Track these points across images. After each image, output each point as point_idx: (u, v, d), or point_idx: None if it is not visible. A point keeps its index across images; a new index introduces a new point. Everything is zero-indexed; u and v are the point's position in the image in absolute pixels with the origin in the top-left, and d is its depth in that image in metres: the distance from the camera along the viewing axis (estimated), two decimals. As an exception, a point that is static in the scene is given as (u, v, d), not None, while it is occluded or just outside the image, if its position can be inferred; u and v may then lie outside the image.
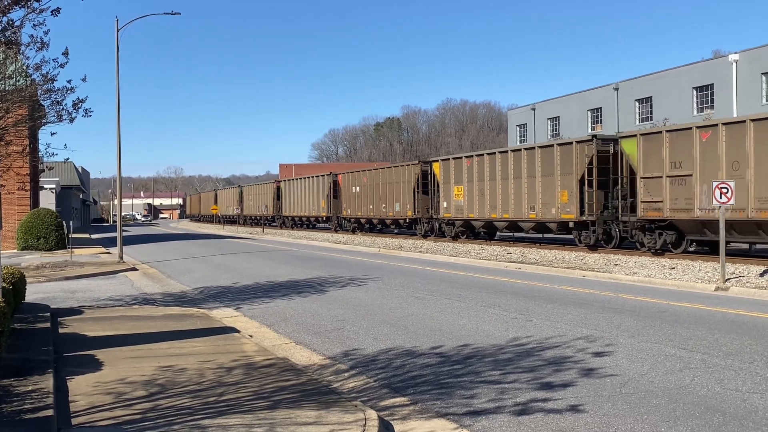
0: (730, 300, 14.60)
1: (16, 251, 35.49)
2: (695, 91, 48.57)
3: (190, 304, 15.88)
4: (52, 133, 14.21)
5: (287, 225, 61.11)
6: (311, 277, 20.66)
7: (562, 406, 7.20)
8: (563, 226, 27.37)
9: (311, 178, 55.60)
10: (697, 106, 48.28)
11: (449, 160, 35.15)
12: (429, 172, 37.83)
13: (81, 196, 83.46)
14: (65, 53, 11.61)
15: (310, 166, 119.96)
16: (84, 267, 25.25)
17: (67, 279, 21.82)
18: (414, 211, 38.91)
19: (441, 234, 36.71)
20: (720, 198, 16.71)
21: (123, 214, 48.14)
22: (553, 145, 27.70)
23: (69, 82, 12.27)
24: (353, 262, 26.36)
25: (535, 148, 28.74)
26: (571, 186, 26.17)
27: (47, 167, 27.71)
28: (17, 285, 12.62)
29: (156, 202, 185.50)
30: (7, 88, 11.65)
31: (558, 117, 62.72)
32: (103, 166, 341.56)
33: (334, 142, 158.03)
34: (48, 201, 46.68)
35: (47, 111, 12.61)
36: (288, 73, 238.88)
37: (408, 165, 40.66)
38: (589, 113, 59.05)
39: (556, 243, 29.67)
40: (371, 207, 44.36)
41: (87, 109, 12.42)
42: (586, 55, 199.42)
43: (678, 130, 22.44)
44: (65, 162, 20.26)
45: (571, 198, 26.14)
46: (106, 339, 10.78)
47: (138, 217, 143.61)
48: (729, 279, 16.82)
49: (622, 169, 24.68)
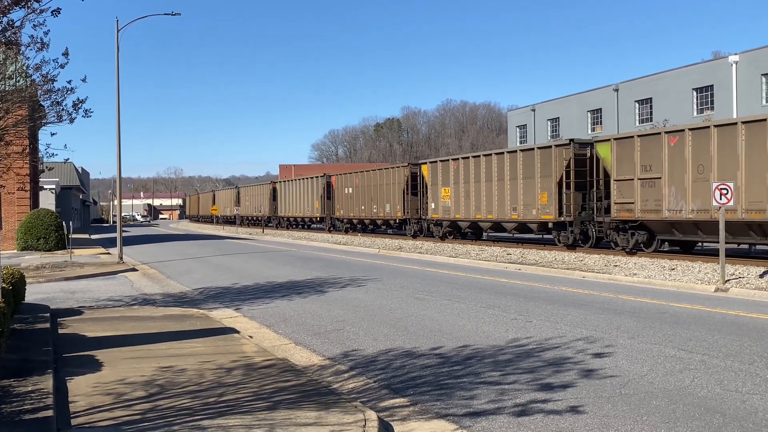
0: (729, 301, 14.60)
1: (15, 251, 35.49)
2: (695, 92, 48.59)
3: (189, 304, 15.88)
4: (52, 134, 14.23)
5: (283, 225, 61.66)
6: (311, 278, 20.66)
7: (561, 407, 7.20)
8: (543, 226, 28.14)
9: (306, 179, 56.44)
10: (697, 107, 48.29)
11: (437, 162, 36.02)
12: (418, 174, 38.54)
13: (81, 196, 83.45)
14: (65, 54, 11.61)
15: (309, 166, 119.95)
16: (84, 267, 25.25)
17: (67, 279, 21.81)
18: (404, 212, 39.67)
19: (429, 234, 37.46)
20: (720, 199, 16.68)
21: (123, 214, 48.14)
22: (534, 149, 28.56)
23: (69, 82, 12.29)
24: (353, 262, 26.36)
25: (517, 151, 29.55)
26: (551, 188, 27.03)
27: (47, 168, 27.72)
28: (17, 285, 12.61)
29: (156, 202, 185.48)
30: (7, 88, 11.65)
31: (558, 118, 62.73)
32: (103, 166, 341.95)
33: (333, 142, 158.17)
34: (48, 201, 46.67)
35: (47, 111, 12.61)
36: (288, 74, 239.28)
37: (398, 167, 41.39)
38: (589, 114, 59.07)
39: (537, 243, 30.56)
40: (363, 208, 45.08)
41: (87, 110, 12.42)
42: (586, 56, 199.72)
43: (648, 135, 23.29)
44: (65, 162, 20.27)
45: (551, 200, 27.01)
46: (105, 339, 10.78)
47: (137, 218, 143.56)
48: (729, 280, 16.82)
49: (597, 172, 25.42)
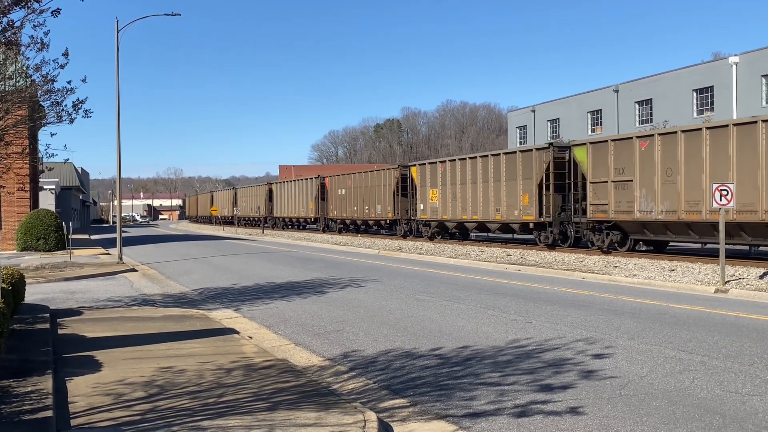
0: (729, 302, 14.60)
1: (15, 252, 35.49)
2: (695, 94, 48.60)
3: (189, 305, 15.88)
4: (52, 134, 14.21)
5: (278, 226, 62.33)
6: (311, 279, 20.66)
7: (561, 408, 7.20)
8: (524, 226, 29.15)
9: (300, 180, 57.59)
10: (697, 108, 48.31)
11: (425, 164, 37.05)
12: (408, 176, 39.59)
13: (81, 196, 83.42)
14: (65, 54, 11.59)
15: (309, 167, 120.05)
16: (83, 268, 25.24)
17: (67, 280, 21.80)
18: (394, 213, 40.65)
19: (419, 234, 38.44)
20: (720, 200, 16.67)
21: (122, 215, 48.15)
22: (516, 152, 29.59)
23: (69, 82, 12.27)
24: (353, 263, 26.36)
25: (500, 154, 30.53)
26: (532, 190, 28.01)
27: (47, 168, 27.75)
28: (17, 286, 12.61)
29: (156, 203, 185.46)
30: (7, 88, 11.63)
31: (558, 119, 62.75)
32: (103, 166, 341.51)
33: (333, 143, 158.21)
34: (48, 202, 46.67)
35: (47, 112, 12.60)
36: (288, 74, 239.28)
37: (388, 169, 42.39)
38: (589, 115, 59.08)
39: (520, 243, 31.77)
40: (355, 209, 46.01)
41: (87, 110, 12.40)
42: (586, 57, 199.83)
43: (621, 139, 24.31)
44: (65, 163, 20.28)
45: (532, 201, 28.01)
46: (105, 340, 10.78)
47: (137, 218, 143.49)
48: (729, 281, 16.82)
49: (575, 175, 26.38)
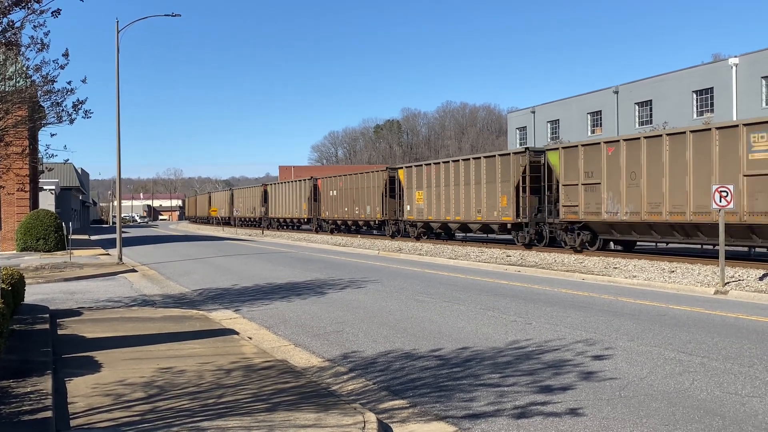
0: (729, 303, 14.60)
1: (15, 252, 35.49)
2: (695, 95, 48.62)
3: (189, 305, 15.87)
4: (51, 135, 14.21)
5: (273, 226, 63.31)
6: (310, 279, 20.65)
7: (561, 409, 7.20)
8: (503, 227, 30.45)
9: (294, 182, 59.23)
10: (697, 109, 48.33)
11: (412, 167, 38.41)
12: (395, 177, 40.92)
13: (80, 197, 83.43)
14: (65, 54, 11.59)
15: (310, 168, 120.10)
16: (83, 268, 25.24)
17: (67, 280, 21.80)
18: (383, 214, 41.95)
19: (406, 234, 39.64)
20: (720, 201, 16.66)
21: (122, 215, 48.21)
22: (495, 156, 30.86)
23: (69, 83, 12.28)
24: (352, 264, 26.36)
25: (481, 158, 31.88)
26: (510, 192, 29.34)
27: (47, 168, 27.75)
28: (16, 286, 12.60)
29: (155, 203, 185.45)
30: (7, 89, 11.64)
31: (558, 120, 62.76)
32: (103, 167, 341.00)
33: (333, 144, 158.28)
34: (47, 202, 46.66)
35: (47, 112, 12.60)
36: (288, 75, 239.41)
37: (377, 171, 43.70)
38: (589, 116, 59.09)
39: (500, 242, 33.45)
40: (346, 209, 47.45)
41: (87, 111, 12.41)
42: (586, 59, 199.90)
43: (590, 144, 25.63)
44: (65, 163, 20.24)
45: (510, 202, 29.34)
46: (105, 340, 10.77)
47: (136, 219, 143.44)
48: (728, 282, 16.81)
49: (549, 178, 27.75)
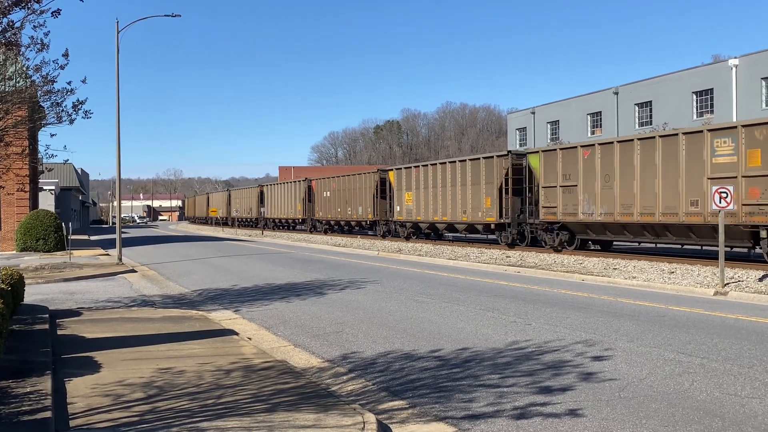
0: (729, 304, 14.59)
1: (15, 252, 35.49)
2: (695, 96, 48.63)
3: (188, 306, 15.87)
4: (51, 135, 14.14)
5: (269, 226, 64.21)
6: (310, 280, 20.65)
7: (560, 410, 7.20)
8: (487, 227, 31.64)
9: (289, 183, 60.58)
10: (697, 110, 48.34)
11: (401, 169, 39.68)
12: (386, 179, 41.97)
13: (80, 197, 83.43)
14: (65, 55, 11.58)
15: (309, 168, 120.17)
16: (83, 268, 25.23)
17: (66, 280, 21.80)
18: (374, 214, 43.13)
19: (396, 234, 40.79)
20: (719, 202, 16.66)
21: (122, 215, 48.26)
22: (480, 159, 32.10)
23: (69, 83, 12.25)
24: (352, 264, 26.36)
25: (466, 160, 33.12)
26: (493, 193, 30.48)
27: (47, 168, 27.77)
28: (16, 286, 12.61)
29: (155, 204, 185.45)
30: (7, 89, 11.63)
31: (558, 121, 62.77)
32: (103, 167, 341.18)
33: (333, 144, 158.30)
34: (47, 202, 46.66)
35: (47, 112, 12.59)
36: (288, 75, 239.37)
37: (369, 173, 44.91)
38: (589, 117, 59.11)
39: (485, 242, 34.73)
40: (339, 210, 48.75)
41: (87, 111, 12.38)
42: (586, 59, 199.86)
43: (567, 148, 26.80)
44: (65, 163, 20.27)
45: (493, 204, 30.45)
46: (104, 341, 10.77)
47: (136, 219, 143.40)
48: (728, 283, 16.81)
49: (530, 180, 28.81)
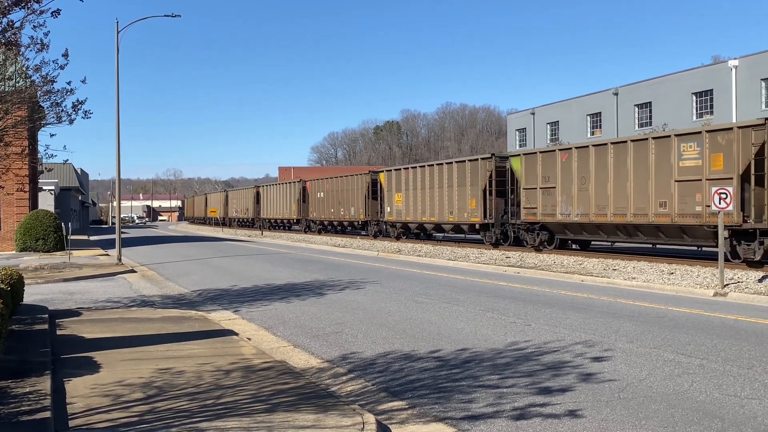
0: (728, 305, 14.59)
1: (14, 252, 35.49)
2: (695, 97, 48.64)
3: (188, 306, 15.86)
4: (51, 135, 14.12)
5: (265, 227, 64.94)
6: (310, 280, 20.65)
7: (560, 411, 7.19)
8: (472, 227, 32.73)
9: (285, 184, 61.72)
10: (696, 111, 48.35)
11: (392, 171, 40.96)
12: (377, 180, 42.98)
13: (80, 197, 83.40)
14: (65, 55, 11.57)
15: (309, 169, 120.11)
16: (82, 269, 25.23)
17: (66, 281, 21.79)
18: (365, 215, 44.20)
19: (387, 234, 41.81)
20: (719, 203, 16.68)
21: (122, 216, 48.31)
22: (465, 161, 33.23)
23: (69, 83, 12.25)
24: (352, 265, 26.35)
25: (453, 163, 34.34)
26: (478, 195, 31.61)
27: (46, 168, 27.72)
28: (15, 286, 12.60)
29: (155, 204, 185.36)
30: (7, 89, 11.63)
31: (557, 122, 62.77)
32: (102, 167, 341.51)
33: (333, 145, 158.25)
34: (47, 202, 46.66)
35: (47, 112, 12.58)
36: (288, 76, 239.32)
37: (360, 174, 45.89)
38: (589, 118, 59.12)
39: (470, 242, 35.93)
40: (332, 210, 49.84)
41: (86, 111, 12.37)
42: (586, 60, 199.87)
43: (547, 151, 27.94)
44: (64, 163, 20.27)
45: (478, 205, 31.61)
46: (103, 341, 10.77)
47: (135, 219, 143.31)
48: (727, 284, 16.81)
49: (513, 182, 29.85)
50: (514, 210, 29.73)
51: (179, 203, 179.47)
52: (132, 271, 25.21)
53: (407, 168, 39.12)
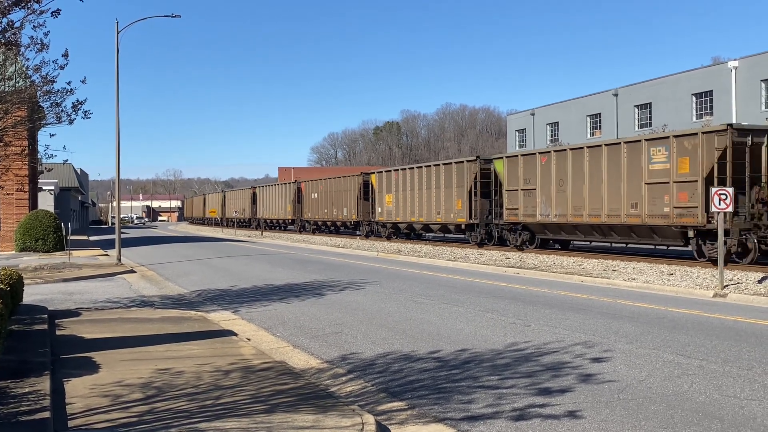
0: (728, 306, 14.60)
1: (14, 252, 35.48)
2: (694, 98, 48.64)
3: (187, 306, 15.86)
4: (51, 135, 14.14)
5: (261, 227, 65.45)
6: (309, 281, 20.64)
7: (559, 411, 7.19)
8: (458, 227, 33.90)
9: (280, 185, 62.83)
10: (696, 112, 48.35)
11: (382, 172, 42.08)
12: (369, 182, 43.82)
13: (80, 197, 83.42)
14: (65, 55, 11.58)
15: (309, 169, 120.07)
16: (82, 269, 25.22)
17: (65, 281, 21.78)
18: (357, 215, 45.22)
19: (378, 234, 42.81)
20: (719, 204, 16.67)
21: (121, 216, 48.36)
22: (452, 163, 34.45)
23: (68, 83, 12.25)
24: (351, 265, 26.35)
25: (440, 165, 35.45)
26: (464, 196, 32.62)
27: (46, 169, 27.71)
28: (15, 286, 12.59)
29: (155, 204, 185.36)
30: (7, 89, 11.63)
31: (557, 122, 62.78)
32: (102, 168, 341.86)
33: (333, 145, 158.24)
34: (47, 202, 46.67)
35: (46, 112, 12.59)
36: (288, 76, 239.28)
37: (352, 176, 46.89)
38: (589, 119, 59.12)
39: (456, 241, 37.02)
40: (326, 211, 50.85)
41: (86, 111, 12.38)
42: (586, 61, 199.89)
43: (528, 154, 29.00)
44: (64, 163, 20.23)
45: (464, 205, 32.58)
46: (103, 341, 10.76)
47: (134, 220, 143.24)
48: (727, 285, 16.81)
49: (496, 184, 31.00)
50: (497, 211, 30.83)
51: (179, 203, 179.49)
52: (131, 272, 25.21)
53: (397, 170, 40.19)
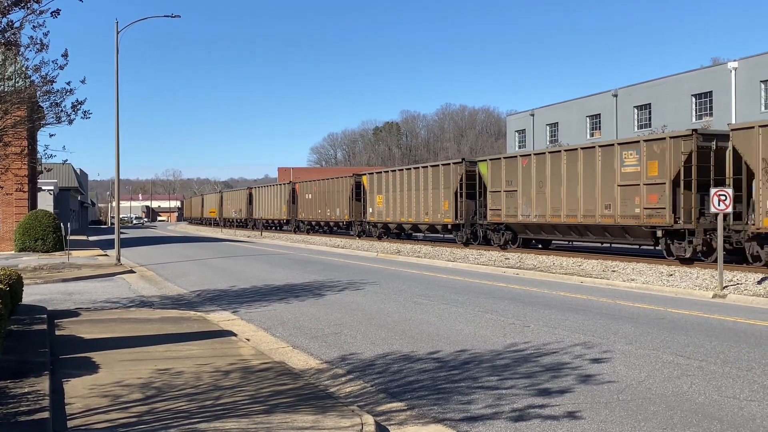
0: (727, 307, 14.60)
1: (13, 252, 35.47)
2: (694, 99, 48.64)
3: (187, 307, 15.85)
4: (50, 135, 14.15)
5: (257, 227, 66.06)
6: (309, 281, 20.64)
7: (559, 412, 7.19)
8: (445, 227, 35.07)
9: (276, 185, 63.87)
10: (696, 113, 48.35)
11: (373, 174, 43.27)
12: (361, 183, 45.03)
13: (79, 197, 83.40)
14: (65, 55, 11.57)
15: (308, 170, 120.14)
16: (81, 269, 25.22)
17: (65, 281, 21.78)
18: (350, 215, 46.39)
19: (369, 234, 43.89)
20: (718, 205, 16.68)
21: (121, 216, 48.39)
22: (439, 165, 35.59)
23: (68, 83, 12.25)
24: (351, 266, 26.35)
25: (428, 167, 36.74)
26: (450, 197, 33.79)
27: (46, 169, 27.70)
28: (14, 286, 12.58)
29: (154, 204, 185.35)
30: (6, 89, 11.63)
31: (557, 123, 62.77)
32: (102, 168, 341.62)
33: (332, 146, 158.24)
34: (46, 202, 46.65)
35: (46, 112, 12.58)
36: (287, 76, 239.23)
37: (345, 177, 48.01)
38: (588, 119, 59.11)
39: (444, 241, 38.33)
40: (320, 212, 51.82)
41: (86, 111, 12.37)
42: (586, 62, 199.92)
43: (510, 157, 30.13)
44: (64, 163, 20.24)
45: (450, 206, 33.77)
46: (102, 341, 10.76)
47: (133, 220, 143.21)
48: (727, 286, 16.82)
49: (480, 185, 32.18)
50: (482, 211, 32.03)
51: (178, 204, 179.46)
52: (131, 272, 25.20)
53: (387, 171, 41.41)
